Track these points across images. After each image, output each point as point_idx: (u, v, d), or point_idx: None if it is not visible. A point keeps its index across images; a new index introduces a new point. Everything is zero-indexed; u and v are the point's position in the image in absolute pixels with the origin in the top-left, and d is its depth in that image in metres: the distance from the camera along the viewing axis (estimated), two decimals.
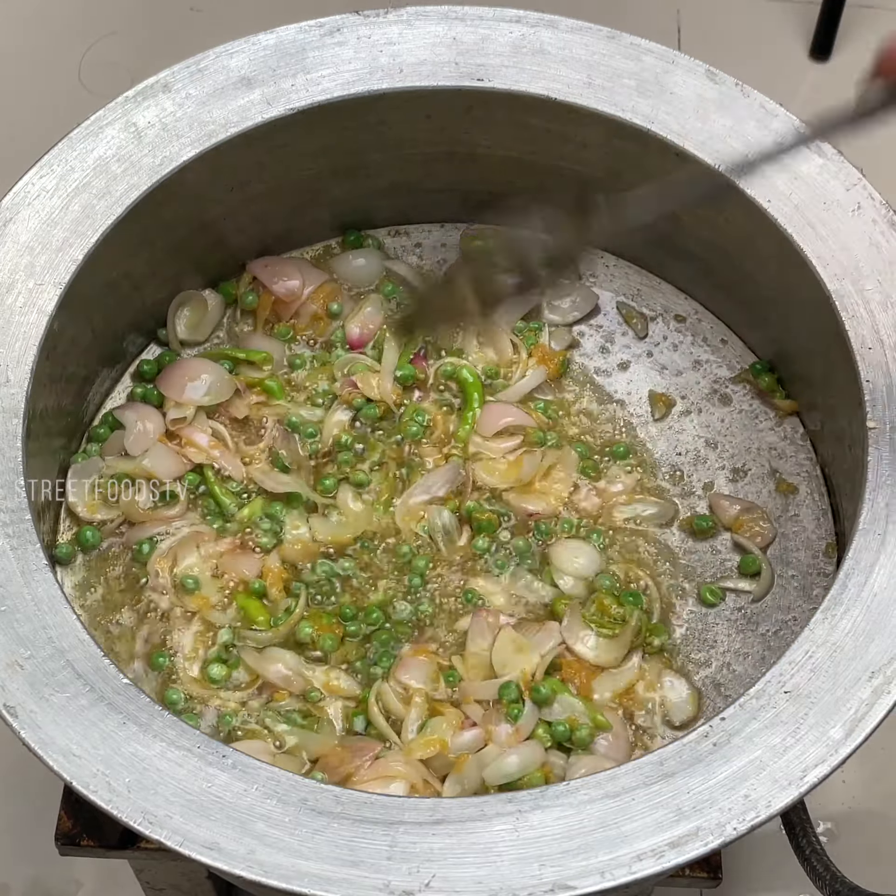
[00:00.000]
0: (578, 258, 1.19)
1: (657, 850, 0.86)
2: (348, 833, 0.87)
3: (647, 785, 0.89)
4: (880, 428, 1.01)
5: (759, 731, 0.90)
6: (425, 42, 1.15)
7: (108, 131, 1.11)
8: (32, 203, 1.08)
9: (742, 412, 1.21)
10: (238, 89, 1.13)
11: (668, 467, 1.19)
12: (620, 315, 1.25)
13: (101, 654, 0.93)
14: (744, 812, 0.87)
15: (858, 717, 0.90)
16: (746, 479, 1.18)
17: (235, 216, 1.20)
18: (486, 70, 1.14)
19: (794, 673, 0.92)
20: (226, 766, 0.90)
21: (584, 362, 1.24)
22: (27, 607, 0.95)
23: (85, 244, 1.07)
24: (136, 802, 0.87)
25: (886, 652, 0.93)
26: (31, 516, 0.98)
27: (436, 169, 1.23)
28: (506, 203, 1.26)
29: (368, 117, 1.16)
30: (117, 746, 0.90)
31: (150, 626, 1.10)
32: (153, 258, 1.16)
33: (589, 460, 1.17)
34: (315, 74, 1.14)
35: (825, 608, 0.95)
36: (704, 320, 1.25)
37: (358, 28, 1.15)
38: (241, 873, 0.85)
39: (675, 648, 1.11)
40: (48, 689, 0.92)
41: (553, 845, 0.87)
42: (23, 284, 1.05)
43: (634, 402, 1.22)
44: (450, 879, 0.85)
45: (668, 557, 1.15)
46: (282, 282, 1.23)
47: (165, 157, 1.10)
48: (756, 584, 1.13)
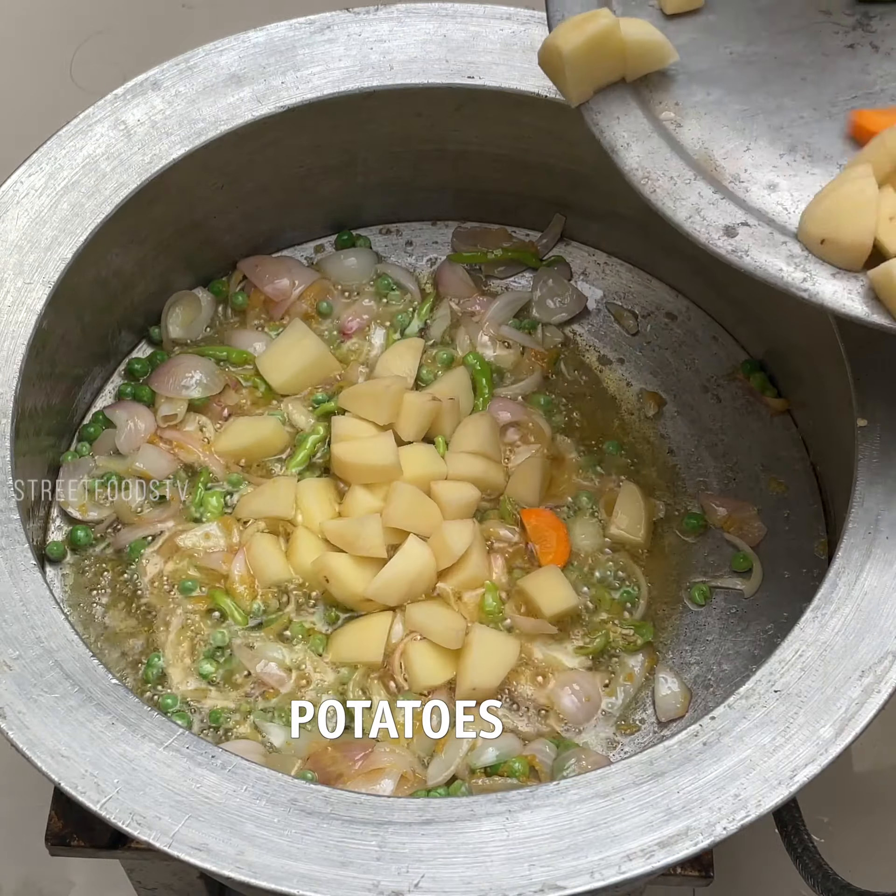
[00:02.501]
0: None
1: (647, 849, 0.86)
2: (338, 833, 0.87)
3: (637, 784, 0.89)
4: (870, 426, 1.00)
5: (749, 731, 0.90)
6: (416, 39, 1.15)
7: (98, 129, 1.11)
8: (21, 201, 1.08)
9: (733, 410, 1.21)
10: (228, 87, 1.13)
11: (660, 465, 1.19)
12: (611, 313, 1.25)
13: (89, 654, 0.93)
14: (734, 811, 0.87)
15: (848, 716, 0.90)
16: (738, 477, 1.18)
17: (225, 214, 1.20)
18: (477, 67, 1.14)
19: (784, 672, 0.92)
20: (215, 766, 0.89)
21: (576, 361, 1.23)
22: (15, 607, 0.95)
23: (74, 242, 1.07)
24: (125, 803, 0.87)
25: (876, 651, 0.92)
26: (19, 516, 0.98)
27: (426, 167, 1.23)
28: (497, 200, 1.27)
29: (359, 115, 1.16)
30: (106, 747, 0.89)
31: (141, 625, 1.10)
32: (143, 256, 1.16)
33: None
34: (305, 72, 1.13)
35: (815, 607, 0.94)
36: (695, 318, 1.25)
37: (348, 25, 1.15)
38: (230, 874, 0.85)
39: (664, 647, 1.11)
40: (36, 689, 0.91)
41: (543, 845, 0.87)
42: (11, 283, 1.05)
43: (626, 401, 1.22)
44: (439, 880, 0.85)
45: (658, 555, 1.15)
46: (272, 281, 1.22)
47: (155, 155, 1.10)
48: (747, 583, 1.13)
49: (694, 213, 0.91)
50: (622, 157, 0.93)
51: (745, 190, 0.92)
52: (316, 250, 1.28)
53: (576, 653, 1.10)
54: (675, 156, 0.93)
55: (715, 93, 0.95)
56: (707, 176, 0.92)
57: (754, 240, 0.90)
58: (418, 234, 1.29)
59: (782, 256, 0.89)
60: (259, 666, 1.07)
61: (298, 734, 1.05)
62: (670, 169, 0.92)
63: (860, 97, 0.94)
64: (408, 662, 1.07)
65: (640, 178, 0.92)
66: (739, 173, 0.93)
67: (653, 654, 1.11)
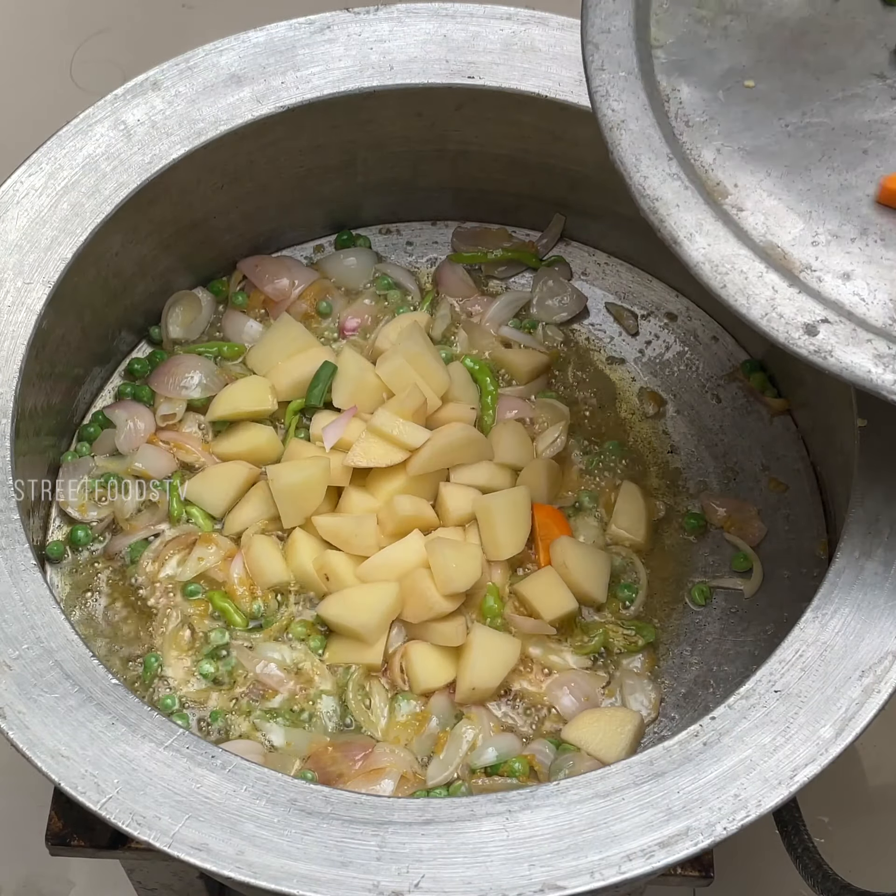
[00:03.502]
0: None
1: (647, 849, 0.86)
2: (338, 833, 0.87)
3: (637, 784, 0.89)
4: (870, 426, 1.00)
5: (750, 731, 0.90)
6: (416, 39, 1.15)
7: (98, 129, 1.11)
8: (21, 201, 1.08)
9: (733, 410, 1.21)
10: (228, 87, 1.13)
11: (660, 465, 1.19)
12: (611, 313, 1.25)
13: (89, 654, 0.93)
14: (734, 811, 0.87)
15: (849, 716, 0.90)
16: (738, 477, 1.18)
17: (226, 214, 1.20)
18: (477, 67, 1.14)
19: (784, 672, 0.92)
20: (215, 766, 0.89)
21: (576, 361, 1.23)
22: (15, 607, 0.95)
23: (74, 242, 1.07)
24: (125, 803, 0.87)
25: (876, 651, 0.92)
26: (19, 516, 0.98)
27: (426, 167, 1.23)
28: (497, 200, 1.27)
29: (359, 115, 1.15)
30: (106, 747, 0.89)
31: (141, 625, 1.10)
32: (143, 256, 1.16)
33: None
34: (305, 72, 1.13)
35: (816, 607, 0.94)
36: (696, 318, 1.25)
37: (348, 25, 1.15)
38: (230, 874, 0.85)
39: (664, 646, 1.11)
40: (36, 689, 0.91)
41: (543, 845, 0.87)
42: (11, 283, 1.05)
43: (626, 401, 1.22)
44: (439, 880, 0.85)
45: (658, 555, 1.15)
46: (272, 281, 1.22)
47: (155, 155, 1.10)
48: (747, 583, 1.13)
49: (770, 310, 0.84)
50: (686, 250, 0.85)
51: (819, 280, 0.86)
52: (316, 250, 1.28)
53: (575, 652, 1.10)
54: (742, 246, 0.86)
55: (775, 171, 0.89)
56: (777, 266, 0.86)
57: (837, 338, 0.84)
58: (418, 234, 1.29)
59: (869, 356, 0.83)
60: (259, 666, 1.07)
61: (298, 734, 1.05)
62: (739, 261, 0.85)
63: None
64: (408, 664, 1.07)
65: (708, 272, 0.85)
66: (810, 262, 0.86)
67: (653, 654, 1.11)
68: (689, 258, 0.86)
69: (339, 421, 1.12)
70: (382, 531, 1.10)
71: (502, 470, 1.14)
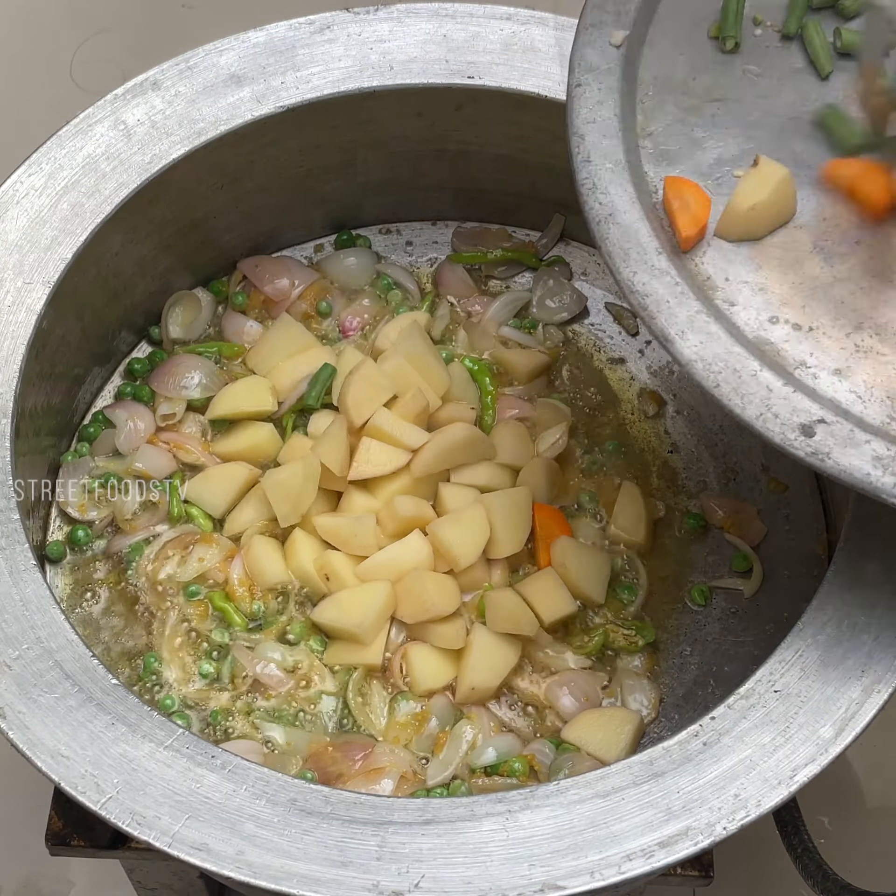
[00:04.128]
0: None
1: (647, 849, 0.86)
2: (338, 833, 0.87)
3: (637, 784, 0.89)
4: None
5: (749, 731, 0.90)
6: (416, 39, 1.15)
7: (98, 129, 1.11)
8: (21, 201, 1.08)
9: None
10: (228, 87, 1.13)
11: (660, 465, 1.19)
12: (611, 313, 1.25)
13: (89, 654, 0.93)
14: (734, 811, 0.87)
15: (848, 716, 0.90)
16: (738, 476, 1.18)
17: (226, 214, 1.20)
18: (477, 67, 1.14)
19: (784, 672, 0.92)
20: (215, 766, 0.89)
21: (576, 361, 1.23)
22: (15, 607, 0.95)
23: (74, 242, 1.07)
24: (125, 803, 0.87)
25: (876, 650, 0.92)
26: (19, 516, 0.98)
27: (426, 167, 1.23)
28: (497, 200, 1.27)
29: (359, 115, 1.16)
30: (106, 747, 0.89)
31: (141, 625, 1.10)
32: (143, 256, 1.16)
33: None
34: (305, 72, 1.13)
35: (815, 607, 0.94)
36: None
37: (348, 25, 1.15)
38: (229, 874, 0.85)
39: (664, 647, 1.11)
40: (36, 689, 0.91)
41: (543, 845, 0.87)
42: (11, 283, 1.05)
43: (626, 400, 1.22)
44: (439, 880, 0.85)
45: (658, 555, 1.15)
46: (272, 281, 1.23)
47: (155, 154, 1.10)
48: (747, 583, 1.13)
49: (765, 411, 0.81)
50: (678, 349, 0.83)
51: (814, 377, 0.83)
52: (316, 250, 1.28)
53: (575, 652, 1.09)
54: (735, 343, 0.83)
55: (766, 264, 0.86)
56: (771, 363, 0.83)
57: (835, 439, 0.81)
58: (418, 234, 1.29)
59: (867, 458, 0.80)
60: (259, 667, 1.07)
61: (298, 734, 1.05)
62: (732, 359, 0.82)
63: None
64: (409, 665, 1.07)
65: (701, 370, 0.82)
66: (805, 358, 0.84)
67: (653, 654, 1.11)
68: (681, 356, 0.83)
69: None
70: (383, 531, 1.10)
71: (503, 470, 1.14)
